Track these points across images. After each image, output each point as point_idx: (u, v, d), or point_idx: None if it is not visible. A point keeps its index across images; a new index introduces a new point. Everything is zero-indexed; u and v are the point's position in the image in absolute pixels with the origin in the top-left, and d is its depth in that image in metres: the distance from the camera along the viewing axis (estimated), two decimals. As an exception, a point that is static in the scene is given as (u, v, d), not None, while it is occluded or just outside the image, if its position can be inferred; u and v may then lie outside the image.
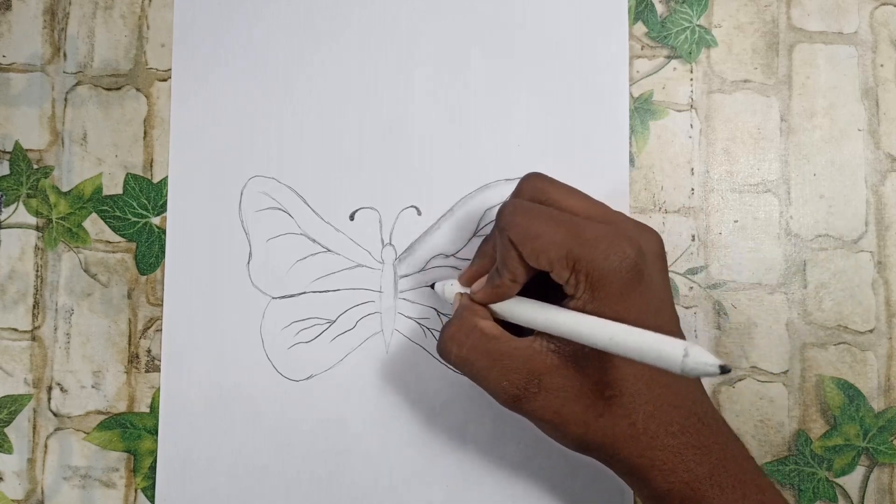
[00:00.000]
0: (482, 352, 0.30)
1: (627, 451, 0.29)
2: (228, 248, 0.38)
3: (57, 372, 0.38)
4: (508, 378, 0.29)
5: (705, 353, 0.23)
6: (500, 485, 0.37)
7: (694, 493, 0.28)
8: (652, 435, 0.28)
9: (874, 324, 0.38)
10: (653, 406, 0.29)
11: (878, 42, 0.39)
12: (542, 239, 0.28)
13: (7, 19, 0.40)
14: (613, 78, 0.39)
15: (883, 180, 0.38)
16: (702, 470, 0.28)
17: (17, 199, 0.39)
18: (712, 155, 0.39)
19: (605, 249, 0.28)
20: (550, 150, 0.39)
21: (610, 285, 0.28)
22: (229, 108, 0.39)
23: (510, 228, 0.29)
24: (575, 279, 0.28)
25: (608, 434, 0.29)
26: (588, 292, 0.28)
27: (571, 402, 0.29)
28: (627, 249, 0.28)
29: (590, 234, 0.28)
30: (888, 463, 0.37)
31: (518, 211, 0.29)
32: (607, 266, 0.28)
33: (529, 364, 0.29)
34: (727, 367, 0.23)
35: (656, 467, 0.28)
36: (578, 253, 0.28)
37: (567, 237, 0.28)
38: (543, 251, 0.28)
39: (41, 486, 0.38)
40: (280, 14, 0.40)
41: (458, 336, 0.30)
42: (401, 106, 0.39)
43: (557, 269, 0.28)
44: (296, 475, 0.38)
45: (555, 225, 0.29)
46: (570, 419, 0.29)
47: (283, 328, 0.38)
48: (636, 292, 0.28)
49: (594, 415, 0.29)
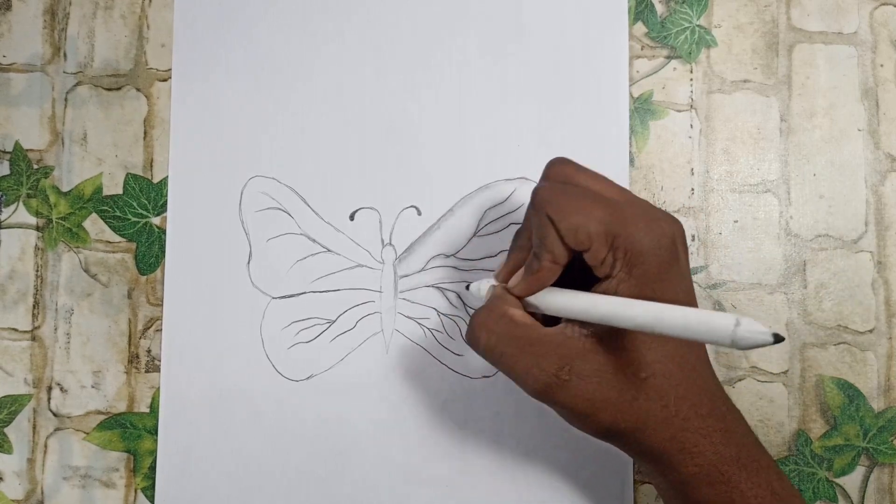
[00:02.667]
0: (512, 339, 0.29)
1: (658, 435, 0.28)
2: (228, 248, 0.38)
3: (57, 372, 0.38)
4: (539, 365, 0.28)
5: (755, 322, 0.23)
6: (501, 484, 0.37)
7: (721, 475, 0.28)
8: (684, 417, 0.28)
9: (874, 324, 0.38)
10: (684, 388, 0.28)
11: (878, 42, 0.39)
12: (580, 214, 0.28)
13: (7, 19, 0.40)
14: (613, 78, 0.39)
15: (883, 180, 0.39)
16: (729, 452, 0.28)
17: (18, 199, 0.39)
18: (712, 155, 0.39)
19: (644, 227, 0.28)
20: (550, 150, 0.39)
21: (648, 263, 0.27)
22: (229, 108, 0.39)
23: (548, 206, 0.28)
24: (612, 256, 0.28)
25: (641, 417, 0.28)
26: (625, 270, 0.28)
27: (605, 386, 0.28)
28: (665, 229, 0.28)
29: (627, 213, 0.28)
30: (888, 463, 0.37)
31: (555, 191, 0.29)
32: (647, 244, 0.27)
33: (561, 350, 0.28)
34: (780, 336, 0.22)
35: (686, 450, 0.28)
36: (618, 230, 0.27)
37: (606, 214, 0.28)
38: (583, 226, 0.28)
39: (41, 486, 0.38)
40: (280, 14, 0.40)
41: (487, 323, 0.30)
42: (401, 106, 0.39)
43: (596, 246, 0.28)
44: (296, 475, 0.38)
45: (592, 202, 0.28)
46: (602, 405, 0.28)
47: (283, 328, 0.38)
48: (671, 273, 0.28)
49: (628, 398, 0.28)
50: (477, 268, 0.38)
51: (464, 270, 0.38)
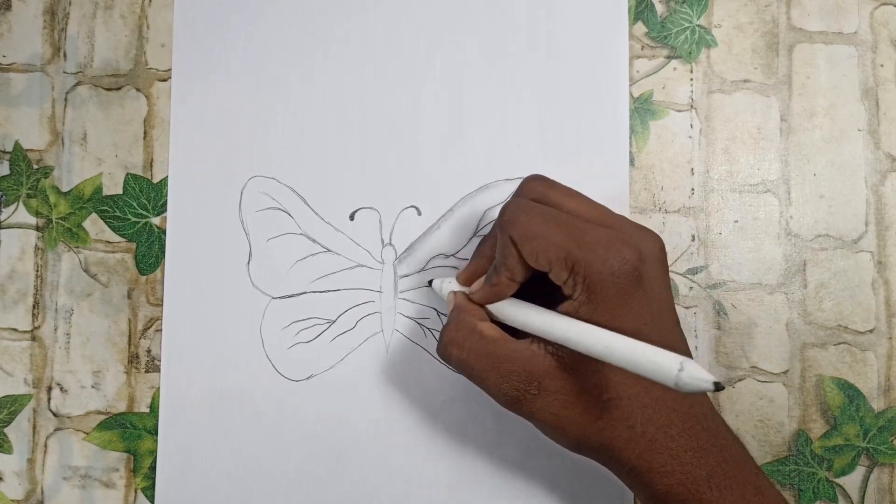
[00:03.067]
0: (482, 354, 0.30)
1: (626, 454, 0.29)
2: (228, 248, 0.38)
3: (57, 372, 0.38)
4: (508, 381, 0.29)
5: (699, 368, 0.23)
6: (500, 485, 0.37)
7: (692, 494, 0.28)
8: (650, 438, 0.28)
9: (874, 324, 0.38)
10: (651, 409, 0.29)
11: (878, 42, 0.39)
12: (542, 239, 0.28)
13: (7, 19, 0.40)
14: (613, 78, 0.39)
15: (883, 180, 0.38)
16: (700, 472, 0.28)
17: (17, 199, 0.39)
18: (712, 155, 0.39)
19: (603, 253, 0.28)
20: (550, 150, 0.39)
21: (607, 289, 0.28)
22: (229, 108, 0.39)
23: (511, 227, 0.29)
24: (573, 281, 0.28)
25: (606, 437, 0.29)
26: (584, 295, 0.28)
27: (570, 405, 0.29)
28: (627, 254, 0.28)
29: (590, 237, 0.28)
30: (888, 463, 0.37)
31: (520, 210, 0.30)
32: (605, 270, 0.28)
33: (528, 366, 0.29)
34: (721, 385, 0.23)
35: (654, 469, 0.28)
36: (577, 255, 0.28)
37: (567, 239, 0.28)
38: (543, 251, 0.28)
39: (41, 486, 0.38)
40: (280, 14, 0.40)
41: (457, 339, 0.30)
42: (401, 106, 0.39)
43: (556, 270, 0.28)
44: (296, 475, 0.38)
45: (556, 225, 0.29)
46: (568, 422, 0.29)
47: (283, 328, 0.38)
48: (634, 298, 0.28)
49: (592, 418, 0.29)
50: (477, 268, 0.38)
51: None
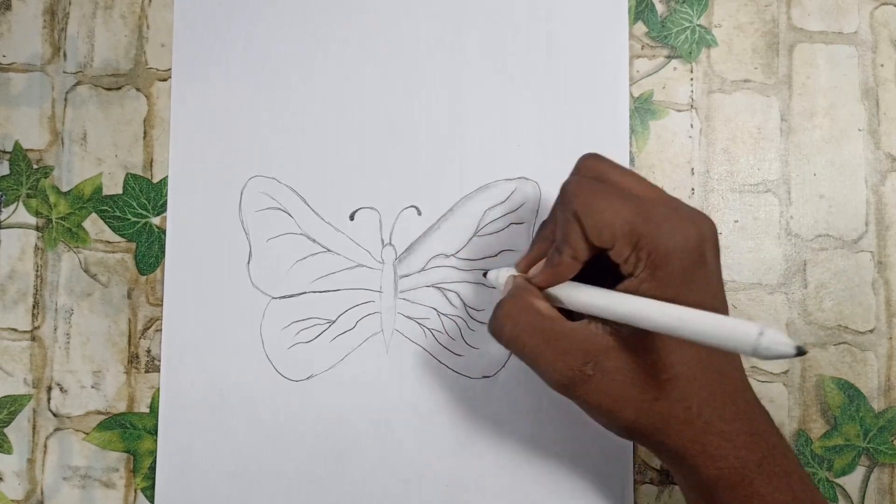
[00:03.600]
0: (537, 331, 0.29)
1: (679, 437, 0.28)
2: (228, 248, 0.38)
3: (57, 372, 0.38)
4: (564, 359, 0.28)
5: (780, 333, 0.23)
6: (500, 485, 0.37)
7: (742, 480, 0.28)
8: (706, 420, 0.28)
9: (874, 324, 0.38)
10: (708, 391, 0.28)
11: (878, 42, 0.39)
12: (606, 213, 0.28)
13: (7, 19, 0.40)
14: (613, 78, 0.39)
15: (883, 180, 0.38)
16: (752, 457, 0.28)
17: (17, 199, 0.39)
18: (712, 155, 0.39)
19: (669, 230, 0.27)
20: (550, 150, 0.39)
21: (672, 266, 0.27)
22: (229, 108, 0.39)
23: (574, 203, 0.28)
24: (635, 257, 0.28)
25: (662, 418, 0.28)
26: (647, 271, 0.27)
27: (627, 385, 0.28)
28: (691, 231, 0.28)
29: (655, 214, 0.28)
30: (888, 463, 0.37)
31: (583, 186, 0.29)
32: (671, 246, 0.27)
33: (586, 345, 0.28)
34: (803, 349, 0.22)
35: (707, 453, 0.28)
36: (642, 230, 0.27)
37: (632, 214, 0.28)
38: (607, 226, 0.28)
39: (41, 487, 0.38)
40: (280, 14, 0.40)
41: (512, 313, 0.29)
42: (401, 106, 0.39)
43: (619, 246, 0.28)
44: (296, 475, 0.38)
45: (620, 201, 0.28)
46: (624, 403, 0.28)
47: (283, 328, 0.38)
48: (697, 276, 0.28)
49: (650, 398, 0.28)
50: (477, 268, 0.38)
51: (464, 270, 0.38)
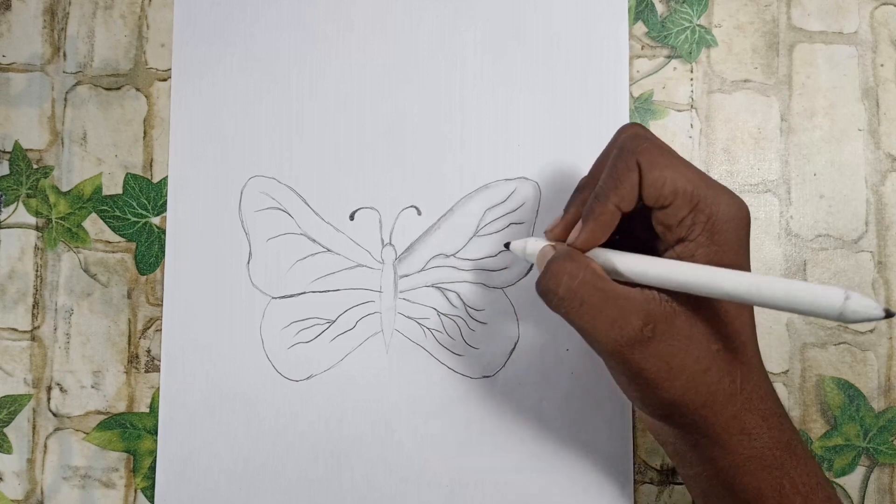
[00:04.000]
0: (596, 289, 0.28)
1: (722, 412, 0.28)
2: (228, 248, 0.38)
3: (57, 372, 0.38)
4: (625, 318, 0.27)
5: (866, 297, 0.23)
6: (501, 485, 0.37)
7: (775, 460, 0.28)
8: (747, 396, 0.28)
9: (874, 324, 0.38)
10: (749, 367, 0.29)
11: (878, 42, 0.39)
12: (672, 169, 0.28)
13: (7, 19, 0.40)
14: (613, 78, 0.39)
15: (883, 180, 0.38)
16: (783, 437, 0.29)
17: (17, 199, 0.39)
18: (712, 155, 0.39)
19: (729, 197, 0.28)
20: (550, 150, 0.39)
21: (729, 233, 0.28)
22: (229, 108, 0.39)
23: (641, 153, 0.28)
24: (692, 219, 0.28)
25: (710, 391, 0.28)
26: (705, 235, 0.28)
27: (682, 353, 0.28)
28: (743, 204, 0.28)
29: (712, 182, 0.28)
30: (888, 463, 0.37)
31: (647, 141, 0.29)
32: (731, 212, 0.28)
33: (647, 307, 0.28)
34: (892, 311, 0.22)
35: (746, 430, 0.28)
36: (705, 193, 0.28)
37: (696, 175, 0.28)
38: (670, 181, 0.27)
39: (41, 487, 0.38)
40: (280, 14, 0.40)
41: (570, 269, 0.28)
42: (401, 106, 0.39)
43: (678, 204, 0.28)
44: (295, 475, 0.38)
45: (684, 163, 0.28)
46: (678, 371, 0.28)
47: (283, 328, 0.38)
48: (746, 248, 0.29)
49: (702, 368, 0.28)
50: (477, 268, 0.38)
51: (464, 270, 0.38)
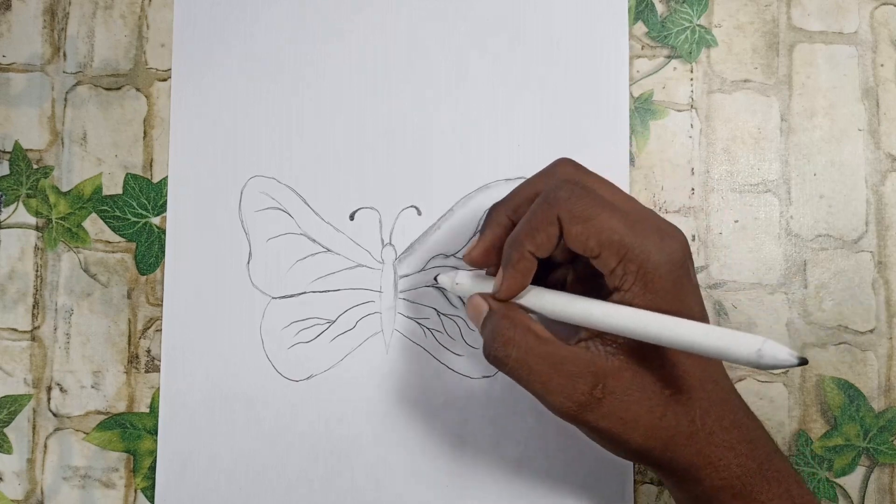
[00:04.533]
0: (541, 355, 0.28)
1: (685, 450, 0.28)
2: (228, 248, 0.38)
3: (57, 372, 0.38)
4: (573, 384, 0.27)
5: (780, 346, 0.23)
6: (500, 485, 0.37)
7: (745, 487, 0.28)
8: (709, 431, 0.28)
9: (874, 324, 0.38)
10: (707, 402, 0.28)
11: (878, 42, 0.39)
12: (594, 222, 0.27)
13: (7, 19, 0.40)
14: (613, 78, 0.39)
15: (883, 180, 0.38)
16: (752, 464, 0.28)
17: (17, 199, 0.39)
18: (712, 155, 0.39)
19: (658, 242, 0.27)
20: (550, 150, 0.39)
21: (664, 279, 0.27)
22: (229, 108, 0.39)
23: (562, 205, 0.27)
24: (623, 269, 0.27)
25: (669, 435, 0.28)
26: (640, 285, 0.27)
27: (635, 405, 0.27)
28: (675, 244, 0.27)
29: (641, 226, 0.27)
30: (888, 463, 0.37)
31: (569, 191, 0.28)
32: (662, 258, 0.27)
33: (593, 367, 0.27)
34: (805, 359, 0.23)
35: (712, 464, 0.28)
36: (632, 242, 0.27)
37: (621, 225, 0.27)
38: (594, 235, 0.27)
39: (41, 487, 0.38)
40: (280, 14, 0.40)
41: (514, 338, 0.28)
42: (401, 106, 0.39)
43: (606, 256, 0.27)
44: (295, 475, 0.38)
45: (609, 212, 0.27)
46: (635, 424, 0.27)
47: (283, 328, 0.38)
48: (686, 289, 0.28)
49: (657, 416, 0.28)
50: (477, 268, 0.38)
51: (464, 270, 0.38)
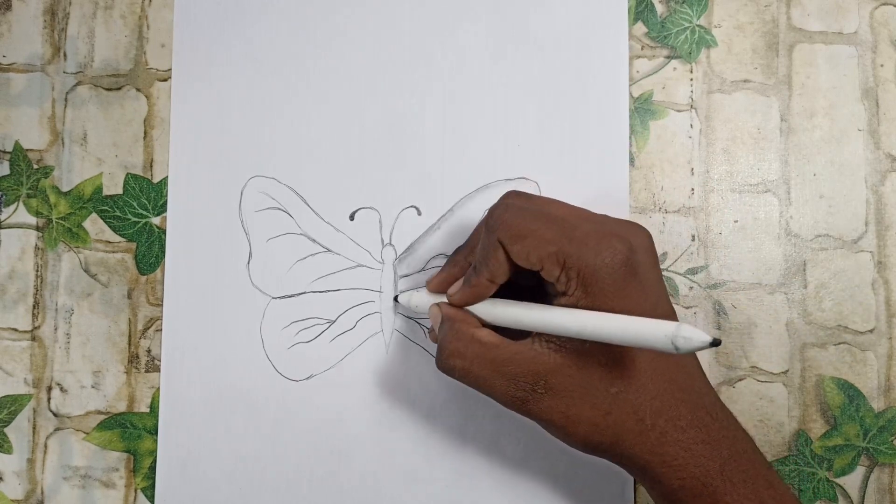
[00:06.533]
0: (485, 361, 0.30)
1: (637, 448, 0.28)
2: (228, 248, 0.38)
3: (57, 372, 0.38)
4: (515, 383, 0.29)
5: (694, 329, 0.24)
6: (500, 485, 0.37)
7: (705, 488, 0.28)
8: (661, 431, 0.28)
9: (874, 324, 0.38)
10: (660, 401, 0.28)
11: (878, 42, 0.39)
12: (531, 238, 0.29)
13: (7, 19, 0.40)
14: (613, 78, 0.39)
15: (883, 180, 0.38)
16: (713, 464, 0.28)
17: (17, 199, 0.39)
18: (712, 155, 0.39)
19: (595, 246, 0.28)
20: (550, 150, 0.39)
21: (602, 281, 0.28)
22: (229, 108, 0.39)
23: (499, 228, 0.29)
24: (566, 276, 0.28)
25: (617, 432, 0.28)
26: (581, 289, 0.28)
27: (578, 401, 0.29)
28: (617, 245, 0.28)
29: (579, 232, 0.29)
30: (888, 463, 0.37)
31: (509, 211, 0.30)
32: (599, 262, 0.28)
33: (533, 366, 0.29)
34: (718, 340, 0.23)
35: (667, 464, 0.28)
36: (568, 250, 0.28)
37: (557, 235, 0.28)
38: (534, 249, 0.29)
39: (41, 486, 0.38)
40: (280, 14, 0.40)
41: (458, 349, 0.30)
42: (401, 106, 0.39)
43: (548, 267, 0.29)
44: (296, 475, 0.38)
45: (545, 223, 0.29)
46: (577, 419, 0.29)
47: (283, 328, 0.38)
48: (629, 288, 0.28)
49: (602, 412, 0.28)
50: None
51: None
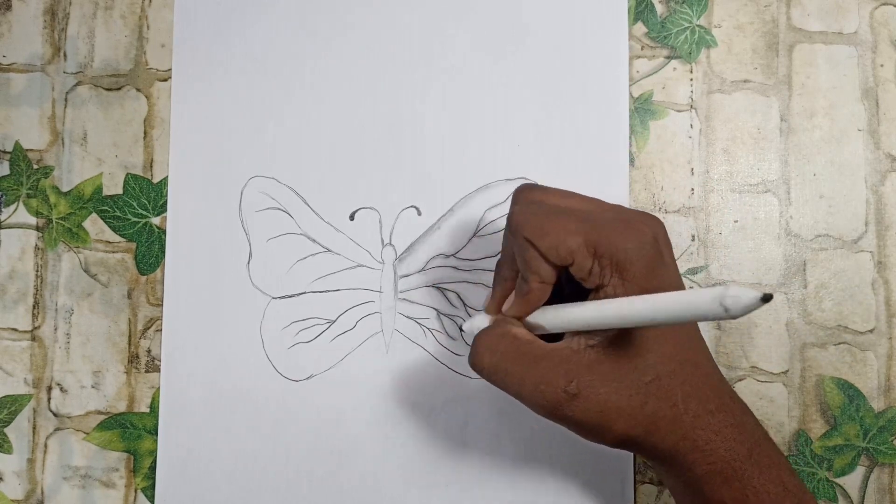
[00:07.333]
0: (517, 356, 0.29)
1: (671, 436, 0.28)
2: (228, 248, 0.38)
3: (57, 372, 0.38)
4: (547, 381, 0.28)
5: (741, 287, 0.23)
6: (500, 485, 0.37)
7: (735, 472, 0.28)
8: (693, 414, 0.28)
9: (874, 324, 0.38)
10: (689, 386, 0.28)
11: (878, 42, 0.39)
12: (557, 231, 0.28)
13: (7, 19, 0.40)
14: (613, 78, 0.39)
15: (883, 180, 0.38)
16: (742, 448, 0.28)
17: (17, 199, 0.39)
18: (712, 155, 0.39)
19: (623, 230, 0.28)
20: (550, 150, 0.39)
21: (636, 265, 0.28)
22: (229, 108, 0.39)
23: (524, 229, 0.29)
24: (599, 266, 0.28)
25: (651, 421, 0.28)
26: (617, 276, 0.28)
27: (613, 396, 0.28)
28: (644, 229, 0.28)
29: (603, 220, 0.28)
30: (888, 463, 0.37)
31: (528, 211, 0.29)
32: (630, 246, 0.28)
33: (566, 364, 0.28)
34: (769, 296, 0.22)
35: (699, 448, 0.28)
36: (597, 238, 0.28)
37: (582, 225, 0.28)
38: (562, 242, 0.28)
39: (41, 486, 0.38)
40: (280, 14, 0.40)
41: (491, 343, 0.29)
42: (401, 106, 0.39)
43: (579, 259, 0.28)
44: (296, 475, 0.38)
45: (566, 217, 0.28)
46: (614, 414, 0.28)
47: (283, 328, 0.38)
48: (660, 271, 0.28)
49: (637, 404, 0.28)
50: (477, 268, 0.38)
51: (464, 270, 0.38)
